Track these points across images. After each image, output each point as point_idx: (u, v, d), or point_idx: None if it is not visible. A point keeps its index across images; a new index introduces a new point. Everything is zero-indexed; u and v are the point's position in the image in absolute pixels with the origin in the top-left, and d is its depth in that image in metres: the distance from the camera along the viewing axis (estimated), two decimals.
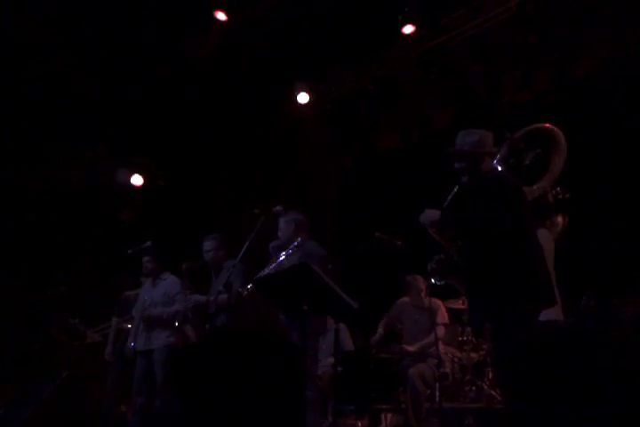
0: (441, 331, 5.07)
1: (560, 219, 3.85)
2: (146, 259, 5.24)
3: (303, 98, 7.41)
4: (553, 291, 3.08)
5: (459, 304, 5.56)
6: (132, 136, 7.43)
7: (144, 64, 6.99)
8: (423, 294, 5.20)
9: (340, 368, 4.73)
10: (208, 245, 4.84)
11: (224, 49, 7.07)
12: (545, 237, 3.80)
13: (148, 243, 5.21)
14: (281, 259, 4.19)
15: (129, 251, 5.21)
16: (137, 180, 7.72)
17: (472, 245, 3.13)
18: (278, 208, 4.44)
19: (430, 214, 3.19)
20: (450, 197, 3.29)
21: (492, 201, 3.01)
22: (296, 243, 4.24)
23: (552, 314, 3.35)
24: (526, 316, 2.93)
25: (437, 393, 4.75)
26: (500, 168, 3.90)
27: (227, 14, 6.67)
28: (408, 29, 6.65)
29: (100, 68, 6.97)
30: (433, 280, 3.95)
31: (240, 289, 4.19)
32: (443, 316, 5.24)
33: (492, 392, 5.07)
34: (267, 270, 4.17)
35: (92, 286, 6.40)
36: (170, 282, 5.18)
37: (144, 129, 7.48)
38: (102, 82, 7.11)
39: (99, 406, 4.44)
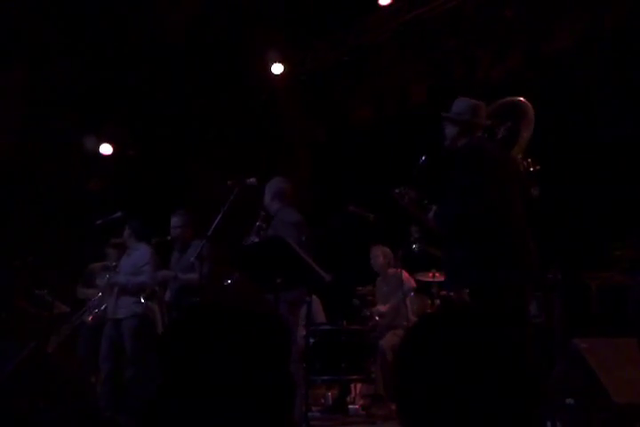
0: (410, 295, 5.17)
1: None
2: (127, 232, 5.18)
3: (277, 68, 7.31)
4: (530, 259, 3.08)
5: (428, 277, 5.65)
6: (102, 104, 7.25)
7: (115, 33, 6.81)
8: (382, 265, 5.32)
9: (311, 340, 4.79)
10: (176, 221, 4.81)
11: (197, 18, 6.91)
12: None
13: (119, 213, 5.13)
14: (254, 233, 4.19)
15: (98, 221, 5.13)
16: (106, 149, 7.57)
17: (446, 210, 3.13)
18: (251, 180, 4.41)
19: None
20: (419, 165, 3.27)
21: (462, 170, 3.02)
22: (258, 223, 4.25)
23: None
24: (502, 281, 2.94)
25: None
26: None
27: None
28: (384, 1, 6.58)
29: (70, 37, 6.77)
30: (414, 247, 3.98)
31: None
32: (409, 282, 5.32)
33: None
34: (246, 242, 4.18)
35: (60, 256, 6.29)
36: (140, 253, 5.13)
37: (114, 97, 7.31)
38: (73, 51, 6.90)
39: (67, 377, 4.41)
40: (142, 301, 4.94)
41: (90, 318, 5.22)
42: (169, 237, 4.88)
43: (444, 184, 3.10)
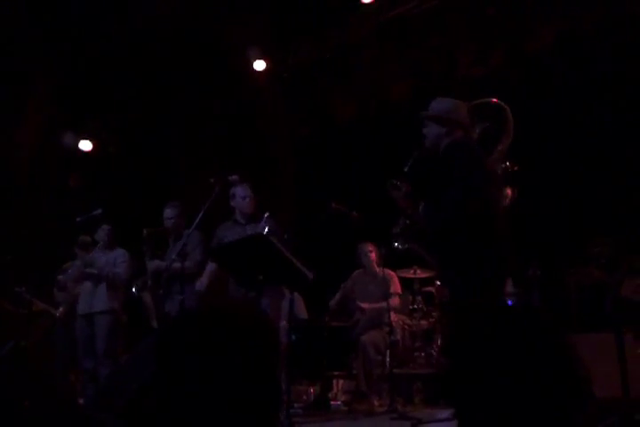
0: (395, 301, 5.18)
1: (509, 191, 3.93)
2: (104, 228, 5.14)
3: (260, 65, 7.28)
4: (510, 263, 3.14)
5: (410, 274, 5.67)
6: (82, 100, 7.18)
7: (97, 30, 6.75)
8: (374, 262, 5.31)
9: (293, 336, 4.79)
10: (169, 212, 4.80)
11: (179, 14, 6.87)
12: None
13: (98, 210, 5.09)
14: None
15: (77, 218, 5.09)
16: (85, 145, 7.50)
17: (432, 211, 3.14)
18: (234, 177, 4.41)
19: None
20: (410, 161, 3.27)
21: (450, 168, 3.02)
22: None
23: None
24: (489, 287, 2.98)
25: (388, 359, 4.88)
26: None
27: None
28: None
29: (51, 31, 6.69)
30: (396, 244, 3.98)
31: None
32: (396, 286, 5.34)
33: (441, 358, 5.23)
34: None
35: (39, 253, 6.23)
36: (118, 253, 5.14)
37: (94, 93, 7.23)
38: (53, 44, 6.83)
39: (47, 376, 4.37)
40: (134, 290, 4.93)
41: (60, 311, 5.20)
42: (161, 228, 4.87)
43: (434, 183, 3.10)
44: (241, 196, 4.52)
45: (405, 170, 3.24)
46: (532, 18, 6.07)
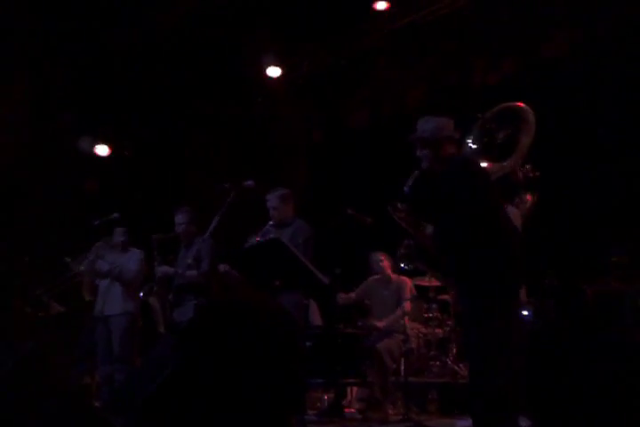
0: (407, 306, 5.16)
1: (529, 197, 3.92)
2: (119, 230, 5.14)
3: (274, 72, 7.32)
4: (521, 276, 3.14)
5: (425, 281, 5.66)
6: (99, 105, 7.23)
7: (112, 35, 6.80)
8: (388, 270, 5.30)
9: (308, 343, 4.78)
10: (180, 218, 4.80)
11: (194, 19, 6.91)
12: (513, 215, 3.88)
13: (116, 214, 5.11)
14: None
15: (95, 222, 5.11)
16: (102, 150, 7.55)
17: (441, 230, 3.15)
18: (249, 182, 4.41)
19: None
20: (411, 181, 3.28)
21: (455, 186, 3.03)
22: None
23: None
24: (498, 294, 2.98)
25: (403, 368, 4.86)
26: (474, 147, 3.93)
27: None
28: (381, 6, 6.61)
29: (67, 38, 6.76)
30: (402, 265, 3.98)
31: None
32: (409, 292, 5.32)
33: (456, 367, 5.21)
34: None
35: (57, 256, 6.25)
36: (132, 253, 5.12)
37: (111, 98, 7.29)
38: (70, 51, 6.89)
39: (64, 378, 4.38)
40: (141, 295, 4.92)
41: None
42: (172, 234, 4.87)
43: (437, 204, 3.11)
44: (269, 206, 4.53)
45: (405, 190, 3.25)
46: (547, 24, 6.07)
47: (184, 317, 4.49)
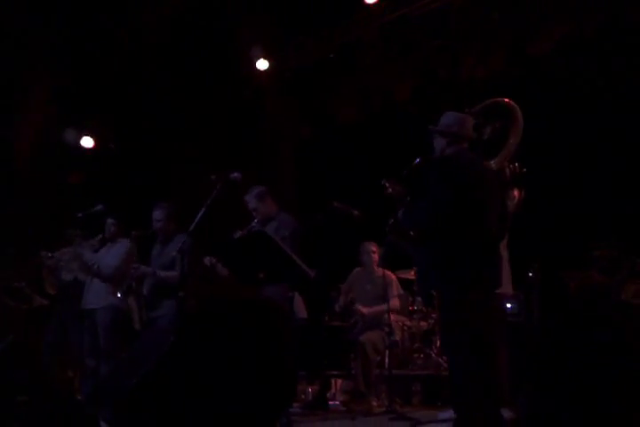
0: (395, 303, 5.17)
1: (516, 193, 3.94)
2: (109, 222, 5.10)
3: (262, 64, 7.28)
4: (497, 273, 3.18)
5: (410, 275, 5.67)
6: (84, 97, 7.17)
7: (98, 27, 6.75)
8: (375, 262, 5.30)
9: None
10: (157, 214, 4.74)
11: (182, 12, 6.87)
12: None
13: (100, 206, 5.07)
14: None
15: (79, 214, 5.07)
16: (87, 142, 7.48)
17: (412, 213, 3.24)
18: (235, 175, 4.38)
19: None
20: (410, 168, 3.38)
21: (430, 184, 3.15)
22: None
23: (502, 287, 3.44)
24: (469, 286, 3.02)
25: (387, 360, 4.87)
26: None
27: None
28: None
29: (53, 30, 6.70)
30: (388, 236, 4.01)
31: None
32: (396, 288, 5.33)
33: (440, 360, 5.23)
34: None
35: (40, 249, 6.21)
36: (119, 244, 5.08)
37: (96, 90, 7.23)
38: (55, 43, 6.82)
39: (45, 372, 4.35)
40: (119, 295, 4.88)
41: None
42: (151, 230, 4.82)
43: (421, 189, 3.20)
44: (249, 208, 4.54)
45: (404, 174, 3.42)
46: (535, 20, 6.08)
47: (160, 315, 4.50)
